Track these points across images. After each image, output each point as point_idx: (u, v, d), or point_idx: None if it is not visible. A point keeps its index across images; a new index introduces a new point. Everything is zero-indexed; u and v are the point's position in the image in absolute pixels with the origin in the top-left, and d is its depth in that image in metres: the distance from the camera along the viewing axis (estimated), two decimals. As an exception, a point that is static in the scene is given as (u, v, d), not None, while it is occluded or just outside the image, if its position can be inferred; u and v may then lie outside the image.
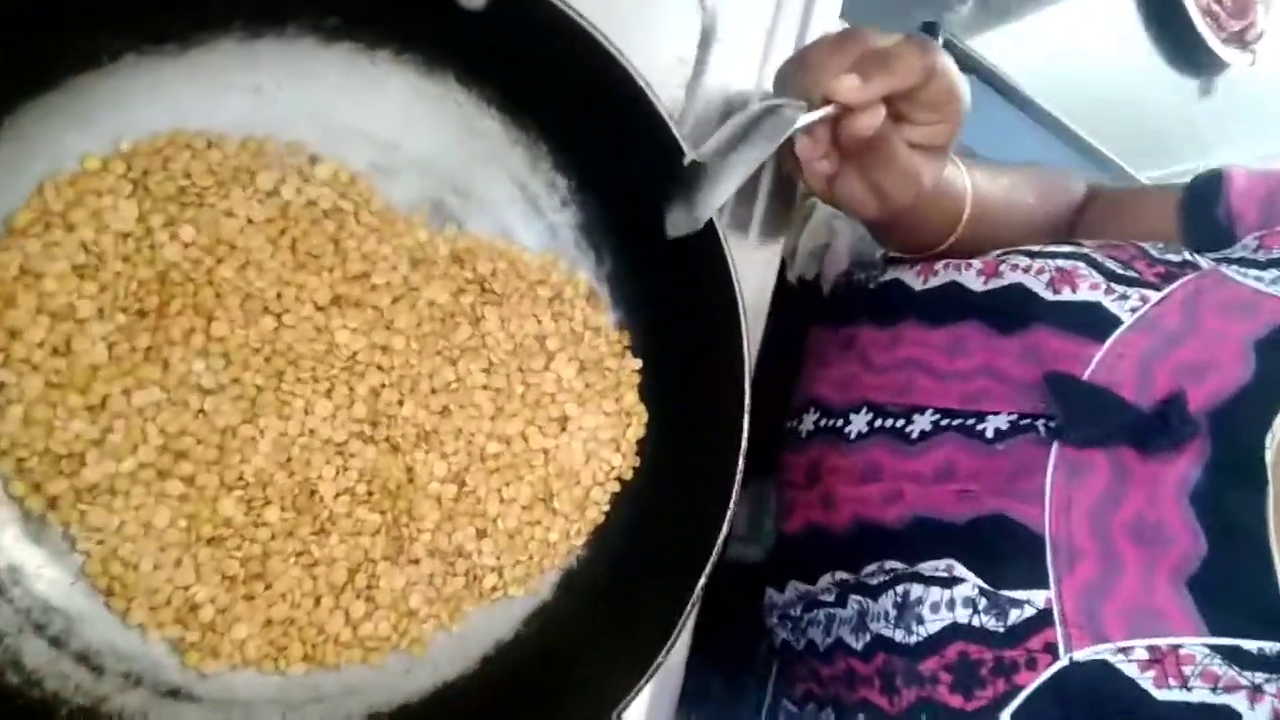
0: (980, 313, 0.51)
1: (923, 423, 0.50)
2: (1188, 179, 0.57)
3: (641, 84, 0.41)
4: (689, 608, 0.42)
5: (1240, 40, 1.05)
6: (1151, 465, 0.42)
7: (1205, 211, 0.53)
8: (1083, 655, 0.40)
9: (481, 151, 0.46)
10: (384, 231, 0.44)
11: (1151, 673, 0.38)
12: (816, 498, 0.53)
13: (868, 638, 0.46)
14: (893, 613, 0.45)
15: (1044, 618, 0.41)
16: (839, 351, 0.59)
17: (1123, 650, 0.39)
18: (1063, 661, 0.40)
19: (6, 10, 0.32)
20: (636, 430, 0.49)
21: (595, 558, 0.49)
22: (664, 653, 0.41)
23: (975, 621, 0.42)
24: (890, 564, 0.47)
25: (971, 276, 0.53)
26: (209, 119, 0.41)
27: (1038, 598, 0.41)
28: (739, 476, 0.44)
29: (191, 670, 0.39)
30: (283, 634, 0.41)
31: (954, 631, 0.42)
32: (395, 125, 0.45)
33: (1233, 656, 0.38)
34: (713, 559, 0.43)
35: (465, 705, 0.43)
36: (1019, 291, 0.50)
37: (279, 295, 0.42)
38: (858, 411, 0.54)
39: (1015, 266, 0.51)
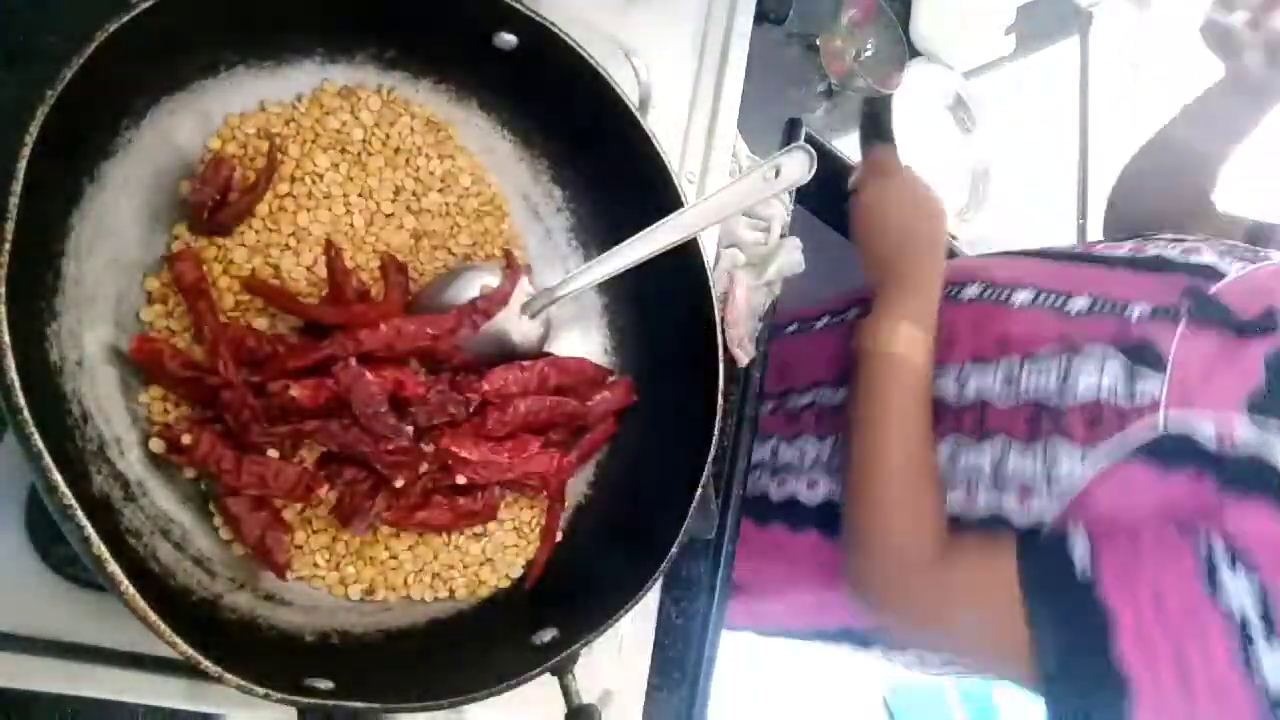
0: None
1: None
2: None
3: (634, 109, 0.53)
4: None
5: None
6: None
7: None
8: None
9: (493, 166, 0.57)
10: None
11: None
12: None
13: None
14: None
15: None
16: None
17: None
18: None
19: (165, 26, 0.40)
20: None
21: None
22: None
23: None
24: None
25: None
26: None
27: None
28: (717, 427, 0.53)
29: (282, 580, 0.45)
30: (352, 559, 0.48)
31: None
32: (427, 142, 0.55)
33: None
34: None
35: (510, 608, 0.51)
36: None
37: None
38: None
39: None
